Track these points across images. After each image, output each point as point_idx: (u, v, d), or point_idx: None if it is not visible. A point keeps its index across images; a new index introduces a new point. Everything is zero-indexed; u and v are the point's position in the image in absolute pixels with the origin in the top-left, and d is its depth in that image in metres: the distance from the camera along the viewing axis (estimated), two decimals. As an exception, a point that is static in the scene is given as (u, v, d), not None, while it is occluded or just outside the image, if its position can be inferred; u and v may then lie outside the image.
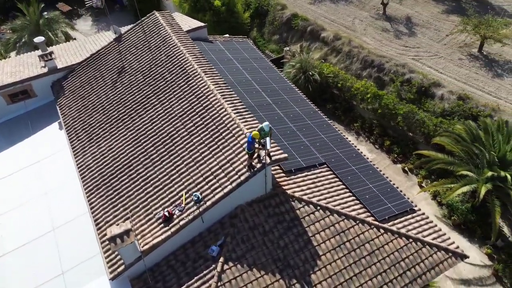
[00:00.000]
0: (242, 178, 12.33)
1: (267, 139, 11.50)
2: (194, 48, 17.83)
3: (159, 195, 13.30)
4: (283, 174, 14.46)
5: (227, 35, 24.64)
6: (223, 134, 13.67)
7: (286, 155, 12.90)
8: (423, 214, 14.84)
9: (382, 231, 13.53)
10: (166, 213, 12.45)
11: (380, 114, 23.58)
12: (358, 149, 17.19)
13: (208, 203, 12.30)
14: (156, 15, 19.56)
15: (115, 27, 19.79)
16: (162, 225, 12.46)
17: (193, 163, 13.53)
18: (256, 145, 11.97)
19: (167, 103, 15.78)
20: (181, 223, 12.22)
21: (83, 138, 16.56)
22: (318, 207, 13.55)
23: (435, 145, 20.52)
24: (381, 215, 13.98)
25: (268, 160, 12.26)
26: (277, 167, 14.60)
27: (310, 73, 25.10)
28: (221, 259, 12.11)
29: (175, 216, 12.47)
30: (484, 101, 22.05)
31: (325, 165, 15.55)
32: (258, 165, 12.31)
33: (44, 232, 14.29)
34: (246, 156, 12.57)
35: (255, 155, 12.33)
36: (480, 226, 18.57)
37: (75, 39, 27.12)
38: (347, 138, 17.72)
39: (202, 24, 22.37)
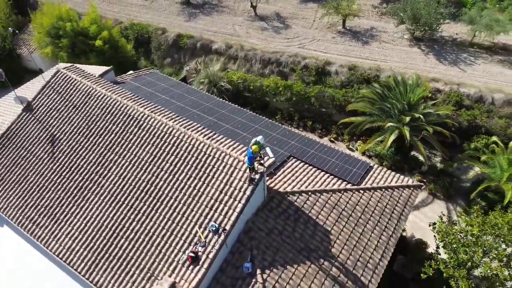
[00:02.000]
0: (248, 192, 13.16)
1: (267, 149, 12.59)
2: (124, 92, 17.39)
3: (172, 241, 13.15)
4: (268, 177, 15.65)
5: (132, 71, 24.11)
6: (208, 161, 14.13)
7: (273, 158, 14.14)
8: (379, 167, 17.93)
9: (361, 192, 16.01)
10: (192, 254, 12.50)
11: (295, 102, 26.42)
12: (305, 135, 19.42)
13: (228, 227, 12.79)
14: (63, 71, 18.23)
15: (20, 97, 17.74)
16: (191, 267, 12.48)
17: (190, 198, 13.69)
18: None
19: (129, 154, 15.27)
20: (211, 255, 12.46)
21: (45, 223, 14.80)
22: (309, 193, 15.25)
23: (348, 111, 24.20)
24: (354, 179, 16.45)
25: (264, 169, 13.34)
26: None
27: (221, 83, 26.43)
28: (258, 271, 12.83)
29: (200, 253, 12.61)
30: (367, 66, 26.78)
31: (291, 157, 17.30)
32: (257, 176, 13.29)
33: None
34: (241, 173, 13.45)
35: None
36: (405, 162, 22.97)
37: None
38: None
39: (108, 67, 21.45)
